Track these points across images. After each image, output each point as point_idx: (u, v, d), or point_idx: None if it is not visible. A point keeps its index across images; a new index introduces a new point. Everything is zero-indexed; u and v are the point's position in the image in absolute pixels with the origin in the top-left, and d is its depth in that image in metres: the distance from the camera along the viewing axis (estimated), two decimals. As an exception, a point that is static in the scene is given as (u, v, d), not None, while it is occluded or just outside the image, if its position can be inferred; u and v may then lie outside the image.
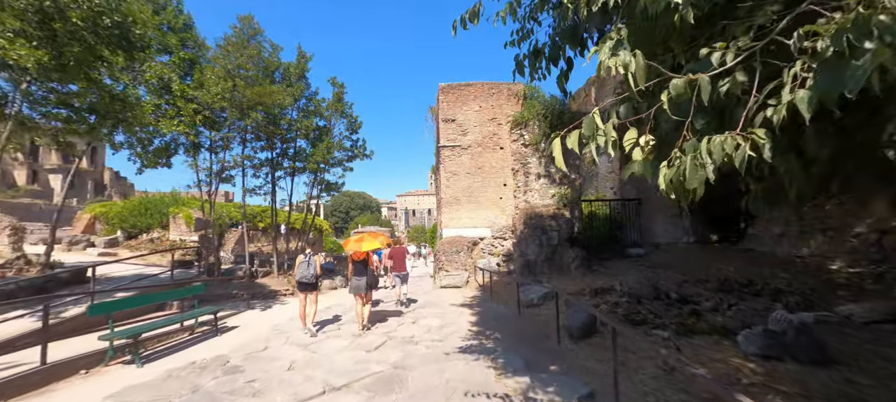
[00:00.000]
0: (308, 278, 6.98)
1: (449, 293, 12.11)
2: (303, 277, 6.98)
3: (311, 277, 7.00)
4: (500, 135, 15.36)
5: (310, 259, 7.13)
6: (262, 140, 12.92)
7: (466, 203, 15.04)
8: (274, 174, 13.27)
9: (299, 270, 7.06)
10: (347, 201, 75.81)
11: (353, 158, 15.53)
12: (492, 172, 15.21)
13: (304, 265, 7.05)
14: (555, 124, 14.46)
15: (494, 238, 14.98)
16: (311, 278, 7.00)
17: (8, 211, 36.14)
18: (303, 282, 7.00)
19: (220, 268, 11.73)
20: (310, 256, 7.21)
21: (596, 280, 11.64)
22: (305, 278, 6.98)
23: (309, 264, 7.05)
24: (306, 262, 7.07)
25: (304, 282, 6.98)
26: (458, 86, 15.34)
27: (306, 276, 6.98)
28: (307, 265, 7.04)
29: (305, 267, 7.03)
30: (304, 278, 6.98)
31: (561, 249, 13.48)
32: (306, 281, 6.98)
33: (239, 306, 9.89)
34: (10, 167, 47.87)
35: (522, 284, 10.49)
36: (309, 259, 7.12)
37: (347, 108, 14.95)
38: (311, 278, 7.00)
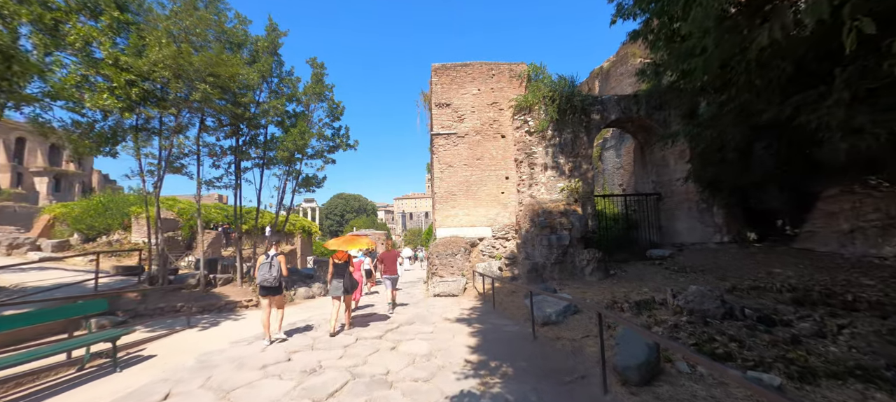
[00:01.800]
0: (270, 282, 6.13)
1: (443, 303, 10.01)
2: (263, 280, 6.15)
3: (273, 279, 6.14)
4: (501, 121, 13.34)
5: (272, 260, 6.21)
6: (225, 125, 10.82)
7: (463, 199, 12.97)
8: (238, 164, 11.16)
9: (260, 272, 6.23)
10: (342, 203, 73.57)
11: (335, 148, 13.46)
12: (492, 163, 13.17)
13: (265, 267, 6.17)
14: (563, 108, 12.47)
15: (496, 238, 12.90)
16: (273, 280, 6.14)
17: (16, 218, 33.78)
18: (264, 286, 6.18)
19: (166, 276, 9.58)
20: (272, 256, 6.26)
21: (618, 287, 9.59)
22: (267, 281, 6.13)
23: (271, 266, 6.16)
24: (267, 263, 6.18)
25: (265, 286, 6.17)
26: (454, 66, 13.33)
27: (267, 278, 6.13)
28: (269, 267, 6.15)
29: (267, 269, 6.15)
30: (266, 281, 6.14)
31: (573, 250, 11.42)
32: (268, 284, 6.15)
33: (176, 324, 7.73)
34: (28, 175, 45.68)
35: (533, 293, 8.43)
36: (271, 260, 6.21)
37: (328, 91, 12.90)
38: (273, 281, 6.14)
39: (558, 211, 11.82)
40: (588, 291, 9.53)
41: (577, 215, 11.75)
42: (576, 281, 10.93)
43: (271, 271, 6.12)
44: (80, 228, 16.06)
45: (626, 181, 19.42)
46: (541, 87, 12.80)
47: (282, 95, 11.53)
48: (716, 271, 9.63)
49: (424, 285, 14.52)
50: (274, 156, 11.50)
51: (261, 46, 11.05)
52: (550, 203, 12.21)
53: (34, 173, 47.57)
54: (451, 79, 13.26)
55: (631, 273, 11.33)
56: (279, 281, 6.19)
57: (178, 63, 8.32)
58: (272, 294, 6.22)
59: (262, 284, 6.16)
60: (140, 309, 8.35)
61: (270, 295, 6.22)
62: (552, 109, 12.48)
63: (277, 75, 11.86)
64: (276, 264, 6.17)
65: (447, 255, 12.09)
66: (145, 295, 8.76)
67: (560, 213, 11.76)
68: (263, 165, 11.83)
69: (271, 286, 6.13)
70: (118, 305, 8.35)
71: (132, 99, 8.55)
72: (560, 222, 11.58)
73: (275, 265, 6.15)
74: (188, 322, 7.63)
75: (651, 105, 12.95)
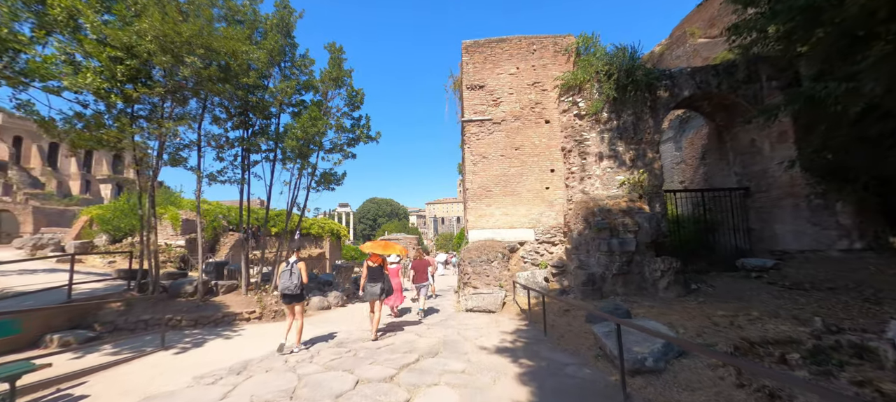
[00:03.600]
0: (291, 290, 6.01)
1: (477, 322, 7.94)
2: (285, 288, 6.01)
3: (294, 287, 6.01)
4: (544, 104, 11.13)
5: (292, 267, 6.09)
6: (233, 115, 9.49)
7: (500, 196, 10.85)
8: (247, 158, 9.78)
9: (281, 280, 6.08)
10: (375, 207, 73.36)
11: (356, 141, 11.85)
12: (534, 153, 10.97)
13: (286, 274, 6.06)
14: (623, 84, 10.07)
15: (540, 242, 10.65)
16: (294, 288, 6.01)
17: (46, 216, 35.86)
18: (286, 294, 6.03)
19: (157, 282, 8.28)
20: (293, 263, 6.13)
21: (711, 309, 7.07)
22: (288, 289, 6.00)
23: (292, 273, 6.05)
24: (288, 270, 6.07)
25: (287, 294, 6.03)
26: (487, 43, 11.32)
27: (289, 286, 6.00)
28: (290, 274, 6.04)
29: (288, 277, 6.03)
30: (287, 289, 6.00)
31: (641, 258, 8.96)
32: (289, 292, 6.02)
33: (151, 344, 6.23)
34: (66, 178, 49.27)
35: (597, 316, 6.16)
36: (292, 267, 6.09)
37: (346, 76, 11.33)
38: (294, 289, 6.01)
39: (619, 209, 9.42)
40: (669, 312, 7.09)
41: (644, 213, 9.28)
42: (646, 297, 8.47)
43: (292, 278, 5.95)
44: (108, 229, 15.62)
45: (689, 178, 16.32)
46: (592, 61, 10.48)
47: (292, 78, 10.05)
48: (859, 290, 6.85)
49: (455, 295, 12.50)
50: (284, 147, 9.99)
51: (270, 24, 9.63)
52: (608, 200, 9.82)
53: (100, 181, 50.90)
54: (485, 57, 11.26)
55: (719, 289, 8.69)
56: (301, 288, 6.03)
57: (163, 32, 6.94)
58: (295, 302, 6.04)
59: (283, 292, 5.97)
60: (120, 322, 7.00)
61: (293, 303, 6.04)
62: (608, 85, 10.12)
63: (290, 59, 10.42)
64: (296, 272, 6.00)
65: (481, 262, 10.01)
66: (130, 305, 7.44)
67: (622, 212, 9.35)
68: (274, 159, 10.39)
69: (293, 294, 5.96)
70: (98, 317, 7.04)
71: (118, 78, 7.29)
72: (622, 222, 9.17)
73: (296, 273, 5.99)
74: (163, 342, 6.09)
75: (736, 77, 10.23)
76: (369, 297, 6.67)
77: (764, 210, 10.33)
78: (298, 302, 6.09)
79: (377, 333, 6.66)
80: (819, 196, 8.82)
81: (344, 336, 7.02)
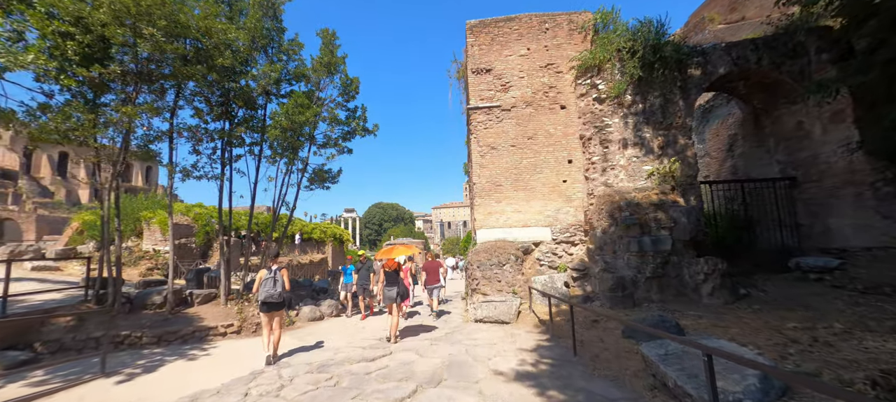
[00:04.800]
0: (275, 298, 5.53)
1: (489, 336, 6.67)
2: (269, 296, 5.51)
3: (277, 295, 5.56)
4: (559, 88, 9.88)
5: (275, 275, 5.65)
6: (214, 105, 8.40)
7: (511, 190, 9.60)
8: (228, 151, 8.67)
9: (262, 287, 5.58)
10: (380, 212, 72.34)
11: (351, 134, 10.72)
12: (549, 142, 9.71)
13: (268, 282, 5.59)
14: (649, 62, 8.81)
15: (557, 242, 9.36)
16: (277, 297, 5.56)
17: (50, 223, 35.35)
18: (268, 302, 5.51)
19: (118, 293, 7.16)
20: (275, 271, 5.69)
21: (773, 319, 5.73)
22: (272, 297, 5.52)
23: (275, 281, 5.60)
24: (271, 278, 5.62)
25: (270, 302, 5.52)
26: (495, 22, 10.13)
27: (273, 294, 5.53)
28: (273, 282, 5.59)
29: (271, 285, 5.57)
30: (271, 297, 5.52)
31: (678, 259, 7.63)
32: (273, 300, 5.53)
33: (91, 369, 5.06)
34: (75, 187, 49.22)
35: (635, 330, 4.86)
36: (274, 275, 5.64)
37: (340, 63, 10.23)
38: (277, 298, 5.56)
39: (650, 203, 8.11)
40: (724, 324, 5.76)
41: (679, 207, 7.95)
42: (687, 305, 7.13)
43: (276, 286, 5.57)
44: (94, 234, 14.65)
45: (715, 172, 14.86)
46: (612, 38, 9.25)
47: (278, 62, 8.94)
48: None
49: (463, 303, 11.23)
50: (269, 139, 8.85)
51: (253, 2, 8.56)
52: (636, 193, 8.52)
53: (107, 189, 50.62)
54: (492, 38, 10.07)
55: (774, 294, 7.31)
56: (283, 297, 5.63)
57: (119, 0, 5.87)
58: (276, 310, 5.63)
59: (266, 300, 5.51)
60: (67, 340, 5.86)
61: (274, 312, 5.61)
62: (632, 64, 8.87)
63: (277, 44, 9.34)
64: (280, 279, 5.62)
65: (492, 265, 8.73)
66: (83, 320, 6.30)
67: (653, 206, 8.04)
68: (260, 154, 9.27)
69: (276, 303, 5.56)
70: (42, 334, 5.92)
71: (69, 57, 6.23)
72: (654, 217, 7.86)
73: (279, 280, 5.61)
74: (103, 367, 4.91)
75: (779, 51, 8.90)
76: (387, 301, 6.54)
77: (815, 202, 8.93)
78: (279, 312, 5.67)
79: (396, 336, 6.46)
80: (890, 183, 7.43)
81: (330, 355, 5.80)
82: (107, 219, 7.59)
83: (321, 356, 5.84)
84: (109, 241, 7.76)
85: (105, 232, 7.66)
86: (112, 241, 7.94)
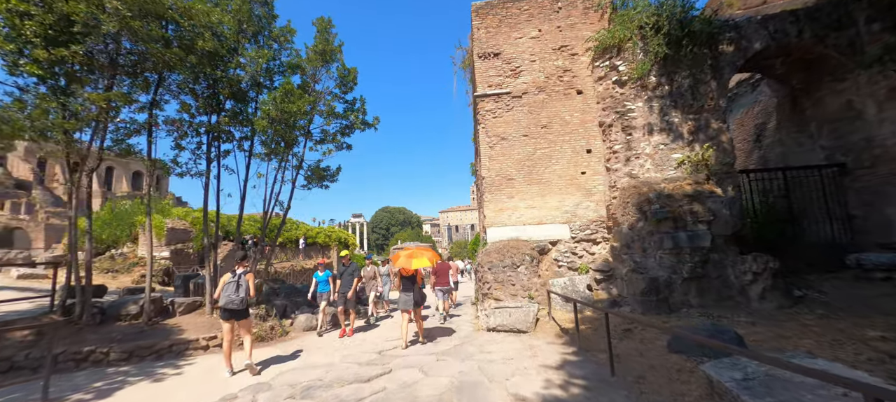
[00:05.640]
0: (236, 303, 4.97)
1: (505, 348, 5.74)
2: (229, 301, 4.95)
3: (239, 301, 4.99)
4: (574, 71, 8.97)
5: (239, 279, 5.10)
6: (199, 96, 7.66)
7: (524, 184, 8.68)
8: (216, 147, 7.90)
9: (224, 292, 5.02)
10: (387, 216, 71.71)
11: (350, 128, 9.92)
12: (565, 131, 8.78)
13: (230, 286, 5.02)
14: (676, 38, 7.87)
15: (577, 241, 8.39)
16: (239, 302, 4.99)
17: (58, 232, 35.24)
18: (228, 308, 4.96)
19: (88, 303, 6.39)
20: (240, 275, 5.13)
21: (854, 327, 4.71)
22: (232, 302, 4.95)
23: (238, 285, 5.04)
24: (234, 282, 5.06)
25: (230, 308, 4.96)
26: (503, 3, 9.27)
27: (234, 300, 4.96)
28: (235, 286, 5.02)
29: (233, 289, 5.00)
30: (231, 302, 4.95)
31: (719, 256, 6.61)
32: (234, 306, 4.96)
33: (38, 392, 4.25)
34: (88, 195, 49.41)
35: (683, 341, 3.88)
36: (238, 279, 5.09)
37: (336, 52, 9.46)
38: (239, 303, 4.99)
39: (683, 194, 7.12)
40: (789, 333, 4.75)
41: (719, 199, 6.95)
42: (733, 310, 6.12)
43: (239, 291, 5.05)
44: (89, 242, 14.07)
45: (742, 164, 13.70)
46: (633, 15, 8.32)
47: (268, 50, 8.17)
48: None
49: (473, 308, 10.30)
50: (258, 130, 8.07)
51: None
52: (665, 183, 7.54)
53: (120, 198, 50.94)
54: (500, 20, 9.21)
55: (835, 297, 6.26)
56: (246, 303, 5.16)
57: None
58: (237, 318, 5.14)
59: (226, 306, 5.02)
60: (20, 359, 5.08)
61: (235, 319, 5.13)
62: (656, 42, 7.93)
63: (267, 30, 8.60)
64: (244, 284, 5.13)
65: (505, 267, 7.80)
66: (43, 334, 5.52)
67: (687, 197, 7.05)
68: (251, 150, 8.50)
69: (237, 309, 5.05)
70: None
71: (28, 39, 5.52)
72: (690, 210, 6.86)
73: (243, 285, 5.11)
74: (45, 394, 4.10)
75: (822, 23, 7.89)
76: (403, 306, 6.32)
77: (869, 190, 7.85)
78: (241, 319, 5.17)
79: (408, 343, 6.22)
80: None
81: (319, 374, 4.93)
82: (74, 221, 6.84)
83: (309, 374, 4.97)
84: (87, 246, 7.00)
85: (72, 235, 6.91)
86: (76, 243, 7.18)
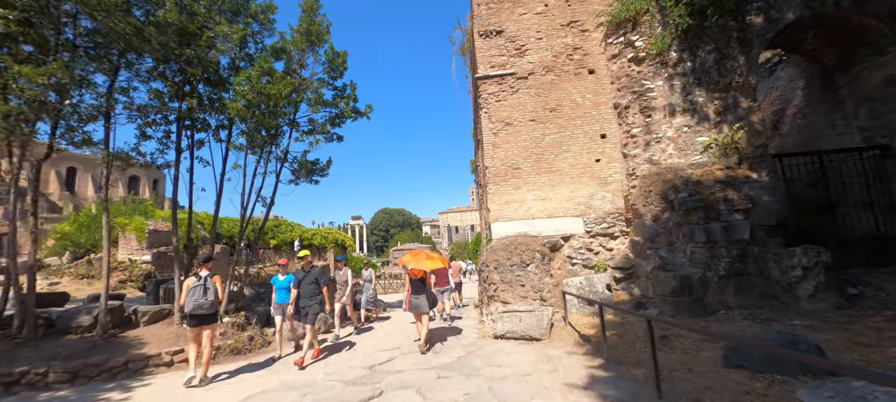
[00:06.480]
0: (206, 308, 4.62)
1: (516, 359, 4.87)
2: (197, 306, 4.58)
3: (209, 305, 4.63)
4: (585, 49, 8.11)
5: (206, 282, 4.70)
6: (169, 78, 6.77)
7: (532, 174, 7.80)
8: (190, 137, 7.00)
9: (190, 297, 4.61)
10: (386, 218, 70.77)
11: (340, 117, 9.05)
12: (576, 115, 7.91)
13: (197, 290, 4.63)
14: (700, 7, 7.01)
15: (592, 235, 7.51)
16: (209, 306, 4.64)
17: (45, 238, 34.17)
18: (196, 314, 4.60)
19: (29, 315, 5.49)
20: (205, 278, 4.73)
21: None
22: (202, 307, 4.59)
23: (205, 289, 4.66)
24: (200, 285, 4.66)
25: (198, 314, 4.60)
26: (505, -23, 8.42)
27: (203, 305, 4.60)
28: (203, 290, 4.64)
29: (200, 293, 4.62)
30: (200, 307, 4.59)
31: (760, 249, 5.74)
32: (203, 311, 4.61)
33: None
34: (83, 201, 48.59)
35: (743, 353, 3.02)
36: (204, 282, 4.70)
37: (324, 33, 8.59)
38: (209, 308, 4.64)
39: (714, 180, 6.25)
40: (863, 340, 3.87)
41: (758, 184, 6.09)
42: (779, 310, 5.24)
43: (207, 295, 4.62)
44: (66, 245, 13.17)
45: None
46: (650, -14, 7.47)
47: (245, 27, 7.29)
48: None
49: (476, 310, 9.41)
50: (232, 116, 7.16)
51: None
52: (692, 169, 6.68)
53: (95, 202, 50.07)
54: (503, -6, 8.35)
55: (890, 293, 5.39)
56: (216, 307, 4.73)
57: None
58: (207, 324, 4.70)
59: (193, 312, 4.55)
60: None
61: (203, 325, 4.67)
62: (678, 11, 7.08)
63: (246, 9, 7.71)
64: (212, 287, 4.68)
65: (512, 266, 6.90)
66: (-32, 354, 4.63)
67: (719, 184, 6.18)
68: (228, 139, 7.62)
69: (207, 314, 4.62)
70: None
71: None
72: (724, 198, 5.99)
73: (211, 288, 4.67)
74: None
75: (863, -11, 7.04)
76: (415, 309, 6.13)
77: (918, 175, 6.98)
78: (210, 325, 4.76)
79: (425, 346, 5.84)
80: None
81: (295, 399, 4.03)
82: (13, 218, 5.94)
83: (284, 398, 4.07)
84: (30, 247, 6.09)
85: (11, 235, 6.01)
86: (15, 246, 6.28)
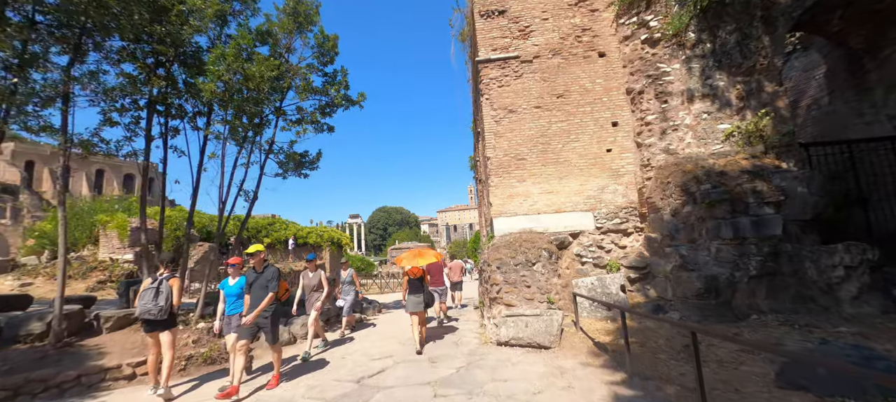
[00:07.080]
0: (153, 313, 4.06)
1: (524, 372, 4.26)
2: (145, 310, 4.07)
3: (158, 310, 4.06)
4: (595, 30, 7.47)
5: (160, 285, 4.19)
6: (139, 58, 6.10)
7: (538, 165, 7.17)
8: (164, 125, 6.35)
9: (141, 300, 4.15)
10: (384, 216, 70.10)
11: (331, 106, 8.40)
12: (585, 101, 7.29)
13: (149, 293, 4.13)
14: (722, -17, 6.39)
15: (603, 231, 6.89)
16: (158, 312, 4.06)
17: None
18: (145, 319, 4.13)
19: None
20: (161, 280, 4.22)
21: None
22: (149, 311, 4.06)
23: (158, 292, 4.13)
24: (153, 288, 4.15)
25: (147, 318, 4.11)
26: (508, -47, 7.77)
27: (151, 309, 4.06)
28: (155, 293, 4.12)
29: (150, 296, 4.11)
30: (148, 312, 4.06)
31: (794, 247, 5.13)
32: (151, 316, 4.08)
33: None
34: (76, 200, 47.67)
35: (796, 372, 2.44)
36: (158, 285, 4.18)
37: (313, 14, 7.94)
38: (157, 313, 4.07)
39: (739, 171, 5.65)
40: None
41: (789, 174, 5.49)
42: (818, 314, 4.64)
43: (158, 299, 4.09)
44: (45, 244, 12.49)
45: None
46: (665, -38, 6.85)
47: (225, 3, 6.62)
48: None
49: (477, 314, 8.78)
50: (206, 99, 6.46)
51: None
52: (714, 159, 6.07)
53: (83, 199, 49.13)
54: (505, -28, 7.70)
55: (950, 294, 4.78)
56: (169, 312, 4.16)
57: None
58: (159, 330, 4.18)
59: (141, 315, 4.11)
60: None
61: (156, 331, 4.19)
62: (697, -12, 6.45)
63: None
64: (165, 290, 4.16)
65: (516, 265, 6.28)
66: None
67: (746, 174, 5.57)
68: (207, 125, 6.94)
69: (156, 320, 4.10)
70: None
71: None
72: (752, 189, 5.38)
73: (164, 291, 4.15)
74: None
75: (898, -37, 6.43)
76: (412, 308, 5.89)
77: (958, 165, 6.39)
78: (164, 330, 4.25)
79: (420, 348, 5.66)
80: None
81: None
82: None
83: None
84: None
85: None
86: None
